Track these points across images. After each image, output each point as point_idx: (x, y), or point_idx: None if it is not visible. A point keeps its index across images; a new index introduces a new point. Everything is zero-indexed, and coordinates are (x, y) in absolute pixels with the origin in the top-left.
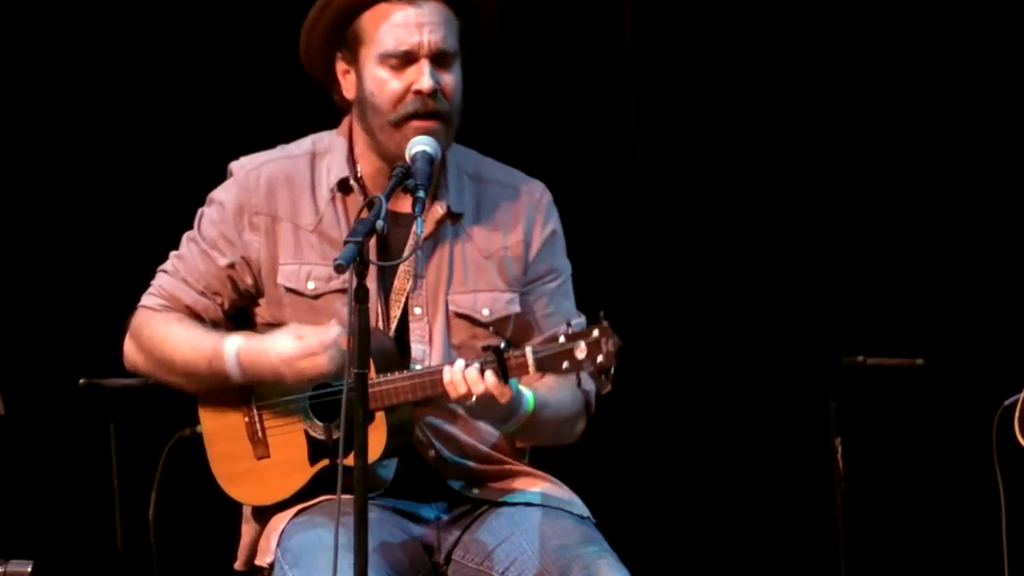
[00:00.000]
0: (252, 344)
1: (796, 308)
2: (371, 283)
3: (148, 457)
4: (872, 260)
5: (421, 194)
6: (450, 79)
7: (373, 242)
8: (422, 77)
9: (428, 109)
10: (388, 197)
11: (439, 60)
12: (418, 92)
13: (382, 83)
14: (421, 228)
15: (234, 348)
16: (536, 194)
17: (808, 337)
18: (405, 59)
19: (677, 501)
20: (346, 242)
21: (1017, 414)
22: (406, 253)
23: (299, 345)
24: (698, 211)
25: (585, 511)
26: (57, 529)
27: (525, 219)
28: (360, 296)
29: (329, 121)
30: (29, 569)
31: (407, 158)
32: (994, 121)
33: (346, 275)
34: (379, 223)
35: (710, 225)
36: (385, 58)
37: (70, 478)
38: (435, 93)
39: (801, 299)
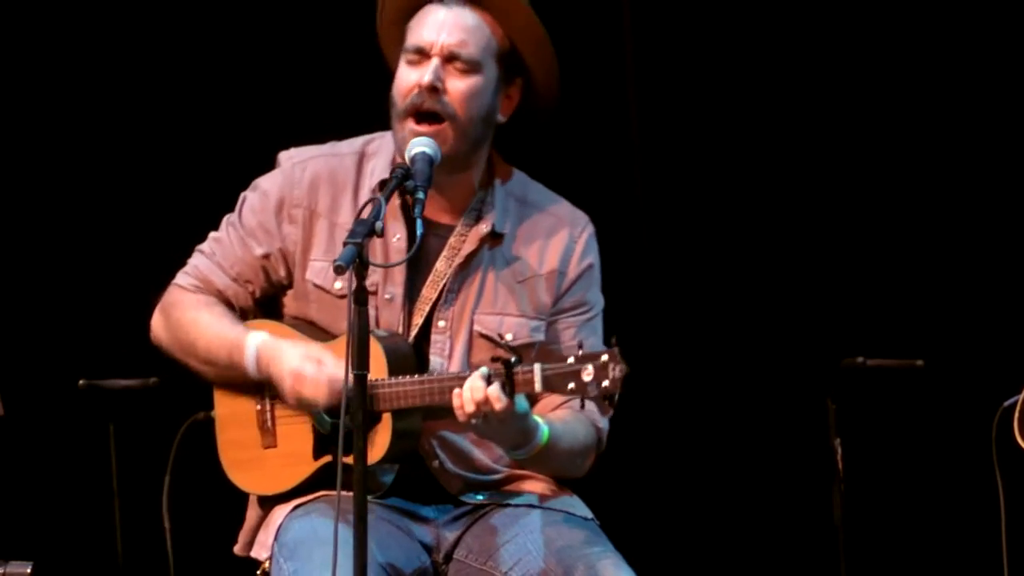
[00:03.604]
0: (272, 346)
1: (796, 309)
2: (397, 288)
3: (148, 458)
4: (872, 261)
5: (421, 195)
6: (461, 84)
7: (403, 246)
8: (425, 72)
9: (425, 107)
10: (388, 198)
11: (452, 62)
12: (419, 86)
13: (400, 75)
14: (422, 229)
15: (255, 343)
16: (579, 225)
17: (808, 338)
18: (420, 54)
19: (678, 502)
20: (345, 243)
21: (1016, 415)
22: (405, 257)
23: (311, 367)
24: (698, 213)
25: (588, 513)
26: (57, 530)
27: (563, 249)
28: (360, 298)
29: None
30: (28, 570)
31: (407, 159)
32: (994, 121)
33: (373, 276)
34: (377, 224)
35: (710, 226)
36: (406, 51)
37: (70, 479)
38: (435, 91)
39: (801, 300)
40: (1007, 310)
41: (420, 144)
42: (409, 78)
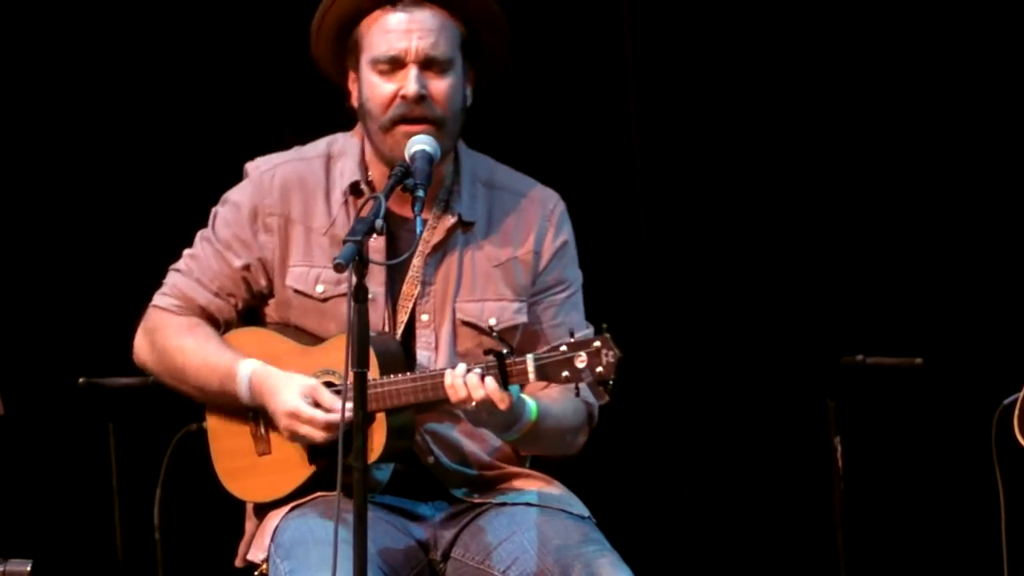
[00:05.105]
0: (266, 377)
1: (795, 307)
2: (379, 287)
3: (147, 457)
4: (871, 260)
5: (420, 193)
6: (442, 85)
7: (382, 245)
8: (408, 82)
9: (414, 115)
10: (387, 196)
11: (429, 66)
12: (404, 97)
13: (374, 87)
14: (421, 228)
15: (247, 373)
16: (549, 204)
17: (807, 336)
18: (394, 64)
19: (677, 500)
20: (345, 241)
21: (1016, 413)
22: (406, 254)
23: (305, 409)
24: (697, 211)
25: (585, 511)
26: (56, 529)
27: (537, 229)
28: (359, 295)
29: (344, 122)
30: (28, 568)
31: (406, 157)
32: (994, 121)
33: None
34: (378, 222)
35: (709, 225)
36: (376, 63)
37: (69, 478)
38: (422, 99)
39: (800, 298)
40: (1007, 308)
41: (420, 142)
42: (386, 89)
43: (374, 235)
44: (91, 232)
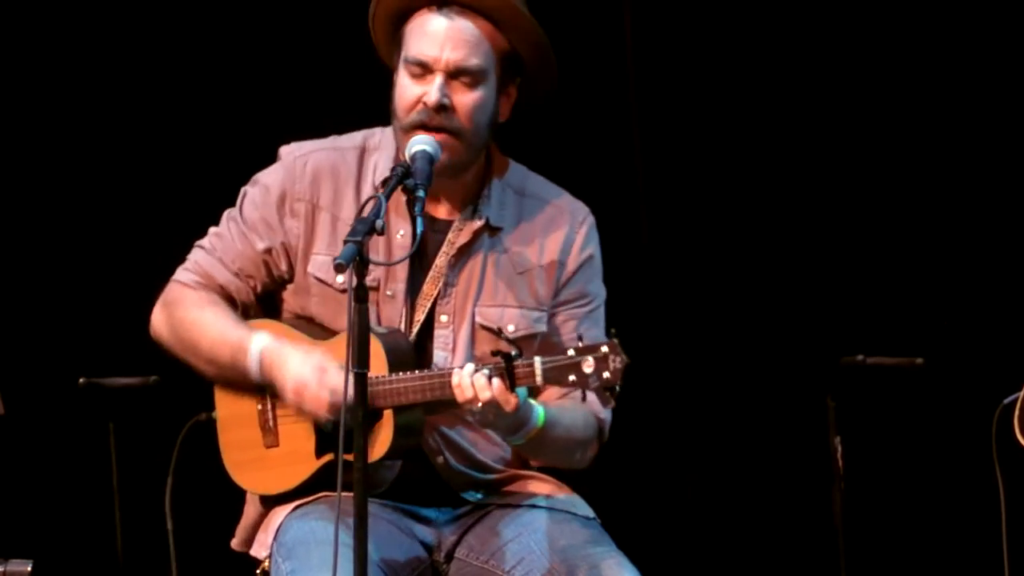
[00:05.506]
0: (277, 349)
1: (795, 307)
2: (399, 283)
3: (148, 456)
4: (871, 260)
5: (420, 194)
6: (468, 98)
7: (408, 242)
8: (431, 90)
9: (433, 123)
10: (388, 196)
11: (457, 77)
12: (425, 104)
13: (402, 88)
14: (421, 227)
15: (259, 346)
16: (579, 216)
17: (807, 336)
18: (423, 69)
19: (678, 500)
20: (345, 241)
21: (1016, 413)
22: (406, 255)
23: (313, 384)
24: (698, 211)
25: (590, 512)
26: (56, 529)
27: (563, 240)
28: (360, 296)
29: (383, 117)
30: (28, 568)
31: (407, 157)
32: (994, 121)
33: (375, 272)
34: (378, 222)
35: (710, 225)
36: (408, 64)
37: (69, 478)
38: (442, 108)
39: (800, 298)
40: (1007, 308)
41: (420, 142)
42: (412, 92)
43: (400, 233)
44: (91, 232)
